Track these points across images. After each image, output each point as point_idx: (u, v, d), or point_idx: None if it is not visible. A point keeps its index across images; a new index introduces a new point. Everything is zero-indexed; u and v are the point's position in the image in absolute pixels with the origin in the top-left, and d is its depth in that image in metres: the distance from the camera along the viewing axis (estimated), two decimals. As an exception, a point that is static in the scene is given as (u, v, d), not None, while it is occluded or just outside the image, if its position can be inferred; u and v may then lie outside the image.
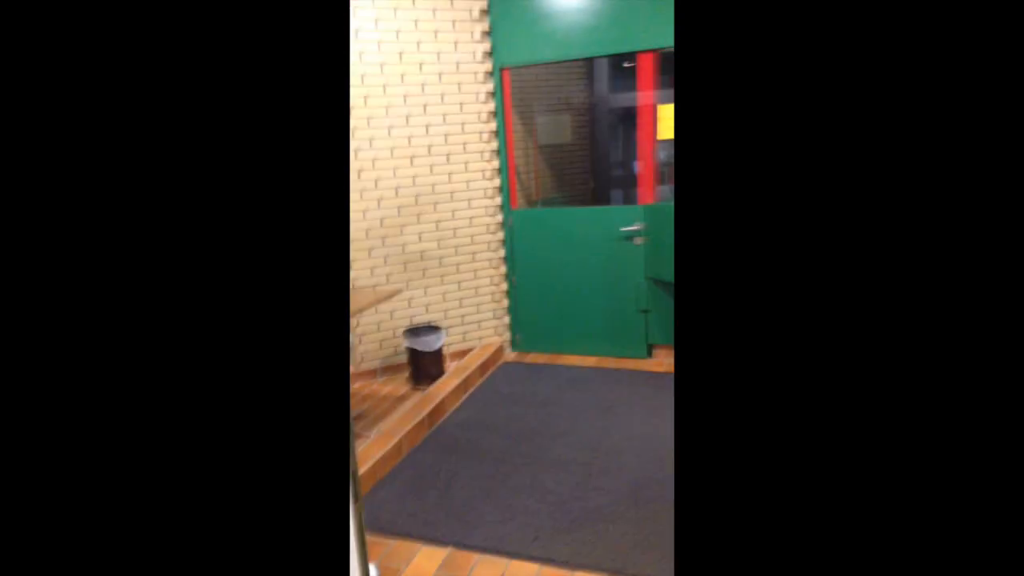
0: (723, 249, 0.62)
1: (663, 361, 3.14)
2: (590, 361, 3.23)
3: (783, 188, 0.60)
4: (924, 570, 0.56)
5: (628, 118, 3.35)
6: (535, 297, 3.31)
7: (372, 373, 3.11)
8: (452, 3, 2.93)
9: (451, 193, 3.11)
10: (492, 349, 3.27)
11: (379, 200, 2.96)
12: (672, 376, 2.92)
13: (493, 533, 1.81)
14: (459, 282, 3.24)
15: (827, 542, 0.59)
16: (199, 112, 0.59)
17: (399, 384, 3.02)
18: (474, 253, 3.25)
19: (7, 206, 0.54)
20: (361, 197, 2.93)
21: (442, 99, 2.99)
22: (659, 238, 2.94)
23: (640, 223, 2.99)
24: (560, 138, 3.79)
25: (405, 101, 2.92)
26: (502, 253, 3.31)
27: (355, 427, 2.49)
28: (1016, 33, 0.52)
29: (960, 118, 0.55)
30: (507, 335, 3.42)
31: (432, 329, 3.04)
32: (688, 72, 0.63)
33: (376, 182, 2.94)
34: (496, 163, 3.18)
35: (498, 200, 3.23)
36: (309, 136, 0.62)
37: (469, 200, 3.17)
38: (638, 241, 3.03)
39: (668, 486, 1.96)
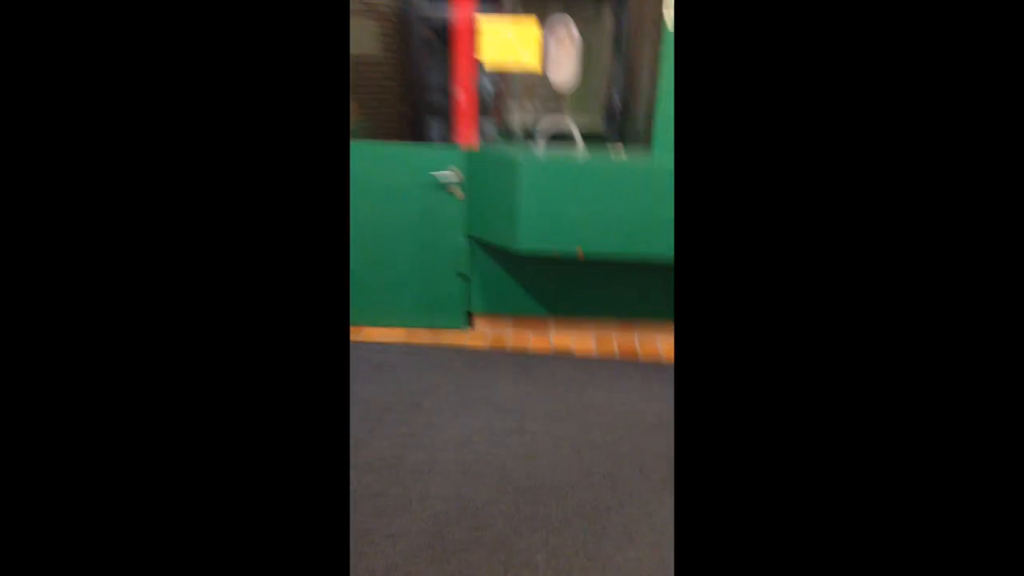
0: (726, 231, 0.61)
1: (484, 332, 2.72)
2: (398, 335, 2.67)
3: (786, 177, 0.59)
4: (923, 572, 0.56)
5: (446, 33, 2.72)
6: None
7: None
8: None
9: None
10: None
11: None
12: (494, 352, 2.52)
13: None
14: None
15: (828, 546, 0.58)
16: (198, 110, 0.59)
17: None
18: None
19: (7, 206, 0.55)
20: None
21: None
22: (480, 191, 2.43)
23: (455, 170, 2.44)
24: (362, 48, 2.99)
25: None
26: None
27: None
28: (1016, 33, 0.53)
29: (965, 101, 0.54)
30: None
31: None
32: (688, 63, 0.63)
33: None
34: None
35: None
36: (309, 134, 0.62)
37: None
38: (458, 192, 2.48)
39: (489, 513, 1.55)
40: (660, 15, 2.26)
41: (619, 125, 2.85)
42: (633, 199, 2.23)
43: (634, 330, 2.71)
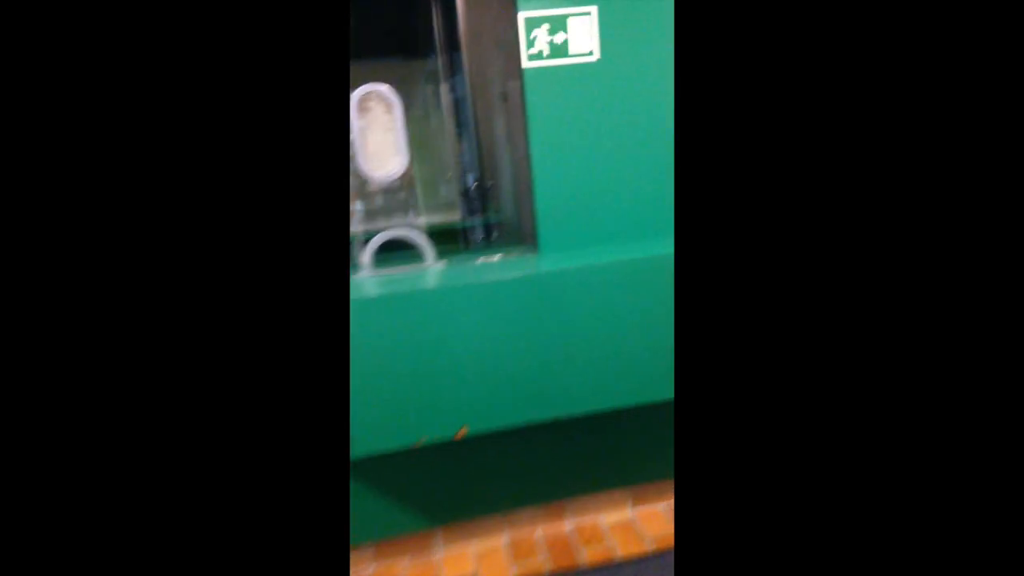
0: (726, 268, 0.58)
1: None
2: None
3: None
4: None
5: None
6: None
7: None
8: None
9: None
10: None
11: None
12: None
13: None
14: None
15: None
16: (198, 107, 0.57)
17: None
18: None
19: (7, 206, 0.54)
20: None
21: None
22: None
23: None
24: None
25: None
26: None
27: None
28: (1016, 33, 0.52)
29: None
30: None
31: None
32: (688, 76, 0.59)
33: None
34: None
35: None
36: (309, 133, 0.60)
37: None
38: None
39: None
40: (507, 86, 1.60)
41: (485, 218, 2.10)
42: (533, 331, 1.41)
43: (565, 512, 1.82)
